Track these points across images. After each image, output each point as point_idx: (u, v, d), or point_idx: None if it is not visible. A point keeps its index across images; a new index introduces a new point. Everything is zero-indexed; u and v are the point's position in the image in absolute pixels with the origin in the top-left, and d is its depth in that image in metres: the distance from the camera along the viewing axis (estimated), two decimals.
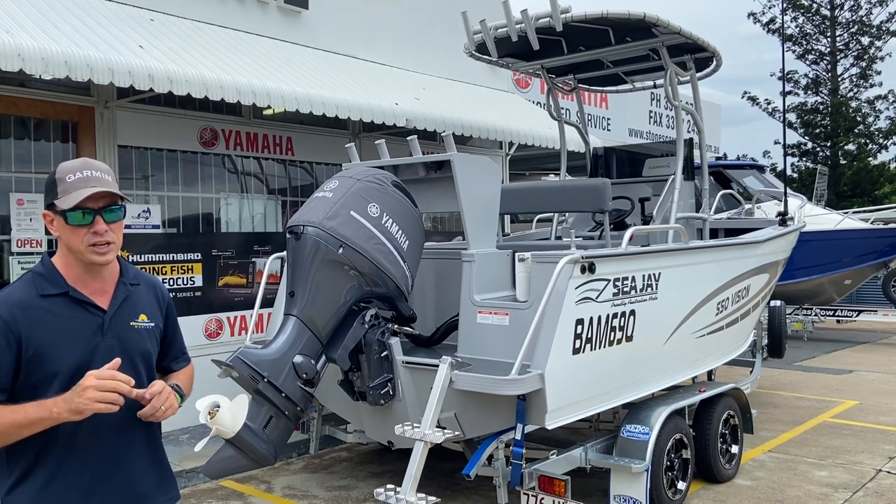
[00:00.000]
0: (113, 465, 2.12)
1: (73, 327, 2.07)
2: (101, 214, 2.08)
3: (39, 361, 2.02)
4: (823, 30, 27.89)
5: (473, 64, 7.48)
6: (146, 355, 2.23)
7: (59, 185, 2.08)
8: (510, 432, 4.26)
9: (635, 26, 5.79)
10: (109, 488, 2.12)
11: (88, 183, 2.06)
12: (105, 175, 2.11)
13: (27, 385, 2.03)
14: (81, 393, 1.92)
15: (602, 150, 7.92)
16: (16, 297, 2.06)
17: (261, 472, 5.97)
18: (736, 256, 6.25)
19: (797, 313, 12.95)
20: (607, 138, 13.13)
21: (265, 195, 8.04)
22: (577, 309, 4.35)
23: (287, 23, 8.22)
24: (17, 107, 6.21)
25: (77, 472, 2.06)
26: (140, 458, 2.19)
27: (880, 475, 5.79)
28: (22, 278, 2.13)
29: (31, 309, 2.04)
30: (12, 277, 6.09)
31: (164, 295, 2.37)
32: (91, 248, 2.08)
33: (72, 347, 2.06)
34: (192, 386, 2.45)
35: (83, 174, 2.08)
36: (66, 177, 2.08)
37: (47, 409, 1.95)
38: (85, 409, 1.92)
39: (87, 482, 2.08)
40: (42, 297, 2.07)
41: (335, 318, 4.36)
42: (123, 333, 2.16)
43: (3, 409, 1.97)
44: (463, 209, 4.80)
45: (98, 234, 2.07)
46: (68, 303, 2.09)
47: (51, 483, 2.05)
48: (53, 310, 2.07)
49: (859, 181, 26.71)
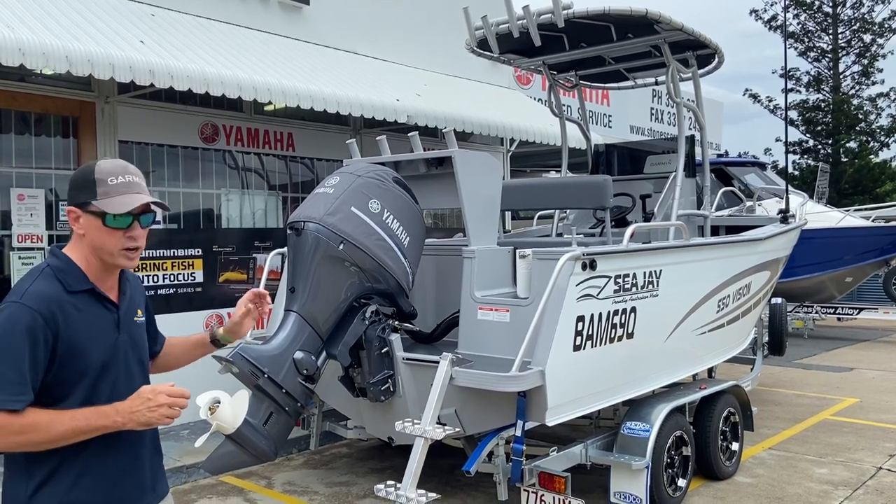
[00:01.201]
0: (132, 456, 2.18)
1: (98, 324, 2.11)
2: (138, 220, 2.12)
3: (71, 358, 2.04)
4: (825, 27, 27.86)
5: (475, 60, 7.47)
6: (147, 350, 2.31)
7: (98, 185, 2.06)
8: (510, 429, 4.26)
9: (637, 23, 5.78)
10: (130, 478, 2.18)
11: (132, 188, 2.10)
12: (142, 181, 2.16)
13: (57, 380, 2.03)
14: (155, 409, 2.00)
15: (603, 147, 7.91)
16: (46, 292, 2.03)
17: (261, 468, 5.98)
18: (737, 254, 6.24)
19: (798, 311, 12.95)
20: (608, 135, 13.12)
21: (266, 191, 8.04)
22: (577, 306, 4.35)
23: (288, 18, 8.21)
24: (17, 102, 6.21)
25: (103, 465, 2.10)
26: (147, 447, 2.25)
27: (880, 473, 5.79)
28: (41, 273, 2.09)
29: (64, 305, 2.04)
30: (13, 272, 6.09)
31: (143, 288, 2.44)
32: (124, 251, 2.11)
33: (99, 344, 2.09)
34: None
35: (125, 179, 2.10)
36: (108, 179, 2.08)
37: (110, 418, 1.99)
38: (154, 424, 2.03)
39: (113, 475, 2.13)
40: (70, 293, 2.07)
41: (336, 314, 4.35)
42: (131, 329, 2.22)
43: (62, 415, 1.98)
44: (464, 206, 4.80)
45: (133, 239, 2.11)
46: (92, 299, 2.11)
47: (80, 480, 2.06)
48: (81, 306, 2.08)
49: (861, 179, 26.69)
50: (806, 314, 13.00)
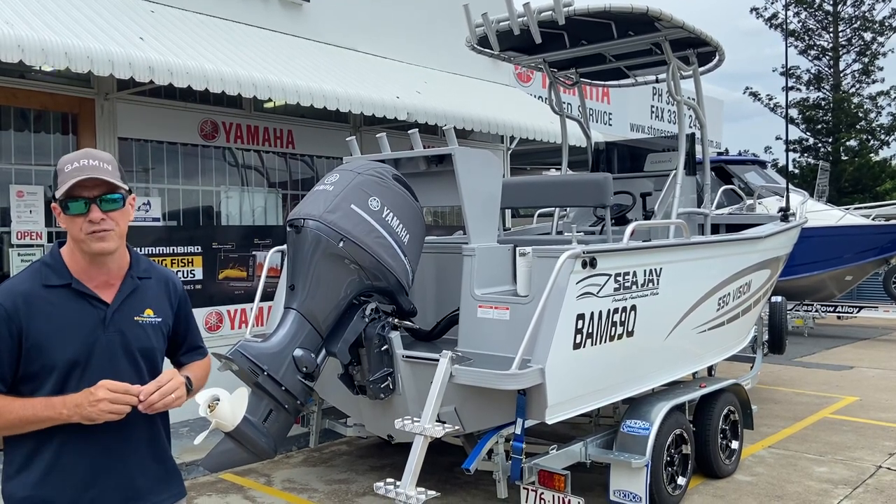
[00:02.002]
0: (111, 458, 2.11)
1: (74, 320, 2.06)
2: (96, 203, 2.05)
3: (38, 353, 2.02)
4: (826, 25, 27.83)
5: (475, 58, 7.46)
6: (149, 351, 2.20)
7: (59, 175, 2.07)
8: (510, 427, 4.26)
9: (638, 20, 5.77)
10: (107, 481, 2.10)
11: (83, 172, 2.04)
12: (103, 164, 2.08)
13: (25, 375, 2.03)
14: (95, 403, 1.95)
15: (604, 145, 7.90)
16: (20, 287, 2.06)
17: (260, 466, 5.97)
18: (737, 252, 6.23)
19: (798, 309, 12.95)
20: (609, 133, 13.11)
21: (266, 188, 8.03)
22: (577, 304, 4.34)
23: (288, 15, 8.19)
24: (16, 98, 6.19)
25: (74, 464, 2.06)
26: (139, 452, 2.17)
27: (880, 471, 5.79)
28: (29, 268, 2.13)
29: (34, 299, 2.03)
30: (12, 269, 6.09)
31: (176, 288, 2.34)
32: (88, 236, 2.05)
33: (71, 340, 2.04)
34: (206, 378, 2.44)
35: (79, 164, 2.06)
36: (65, 167, 2.07)
37: (56, 409, 1.97)
38: (96, 419, 1.97)
39: (85, 475, 2.07)
40: (45, 287, 2.06)
41: (335, 311, 4.35)
42: (126, 328, 2.14)
43: (14, 403, 1.99)
44: (464, 203, 4.79)
45: (93, 223, 2.05)
46: (71, 295, 2.08)
47: (48, 474, 2.05)
48: (55, 301, 2.05)
49: (861, 177, 26.68)
50: (806, 312, 13.00)
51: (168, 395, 2.05)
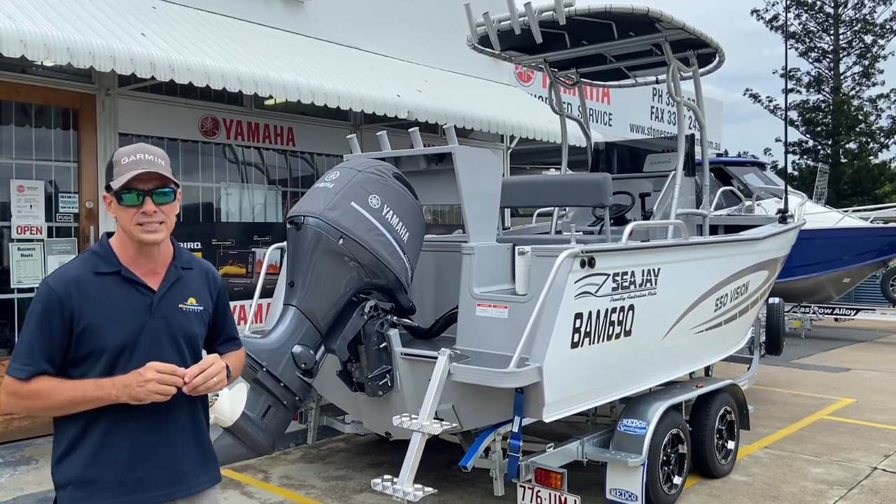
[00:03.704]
0: (156, 441, 2.19)
1: (123, 306, 2.16)
2: (150, 196, 2.16)
3: (88, 337, 2.10)
4: (826, 27, 27.86)
5: (476, 57, 7.47)
6: (191, 338, 2.28)
7: (115, 167, 2.18)
8: (508, 425, 4.27)
9: (639, 21, 5.78)
10: (153, 462, 2.19)
11: (140, 165, 2.15)
12: (158, 159, 2.20)
13: (75, 358, 2.11)
14: (143, 384, 2.03)
15: (603, 145, 7.91)
16: (72, 273, 2.15)
17: (258, 462, 5.99)
18: (735, 253, 6.25)
19: (795, 311, 12.97)
20: (609, 133, 13.12)
21: (265, 185, 8.04)
22: (576, 303, 4.36)
23: (290, 13, 8.21)
24: (18, 93, 6.20)
25: (121, 445, 2.14)
26: (182, 435, 2.25)
27: (875, 473, 5.81)
28: (80, 256, 2.24)
29: (85, 286, 2.13)
30: (11, 264, 6.10)
31: (216, 280, 2.43)
32: (139, 226, 2.16)
33: (120, 325, 2.13)
34: (241, 368, 2.53)
35: (136, 157, 2.17)
36: (121, 160, 2.18)
37: (105, 390, 2.06)
38: (144, 399, 2.05)
39: (131, 456, 2.16)
40: (96, 274, 2.16)
41: (335, 308, 4.36)
42: (171, 314, 2.23)
43: (64, 385, 2.07)
44: (463, 202, 4.80)
45: (146, 215, 2.16)
46: (120, 281, 2.18)
47: (96, 455, 2.13)
48: (105, 287, 2.15)
49: (860, 180, 26.71)
50: (803, 314, 13.02)
51: (211, 379, 2.15)
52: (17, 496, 5.02)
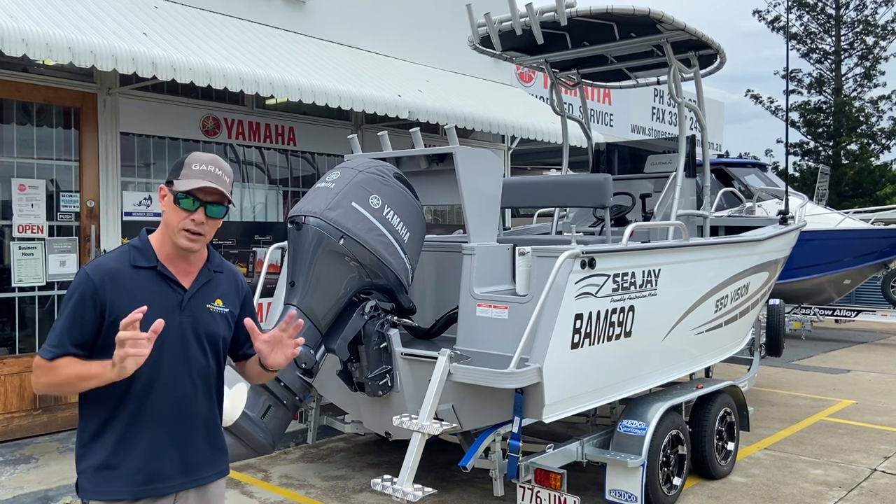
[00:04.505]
0: (173, 435, 2.26)
1: (155, 300, 2.21)
2: (205, 207, 2.25)
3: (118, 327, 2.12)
4: (828, 29, 27.86)
5: (477, 57, 7.48)
6: (215, 336, 2.35)
7: (184, 168, 2.26)
8: (507, 425, 4.27)
9: (640, 22, 5.79)
10: (168, 455, 2.26)
11: (208, 177, 2.24)
12: (225, 176, 2.29)
13: (104, 346, 2.16)
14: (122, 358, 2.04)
15: (604, 146, 7.92)
16: (109, 265, 2.23)
17: (258, 461, 6.00)
18: (736, 254, 6.25)
19: (796, 312, 12.97)
20: (610, 134, 13.13)
21: (266, 185, 8.05)
22: (576, 303, 4.36)
23: (291, 13, 8.21)
24: (19, 92, 6.21)
25: (141, 438, 2.22)
26: (197, 432, 2.32)
27: (875, 475, 5.81)
28: (119, 248, 2.32)
29: (120, 277, 2.21)
30: (13, 262, 6.10)
31: (243, 285, 2.51)
32: (183, 232, 2.24)
33: (150, 318, 2.15)
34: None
35: (207, 168, 2.26)
36: (193, 164, 2.26)
37: (105, 366, 2.09)
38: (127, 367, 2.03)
39: (149, 448, 2.23)
40: (133, 267, 2.24)
41: (335, 308, 4.37)
42: (199, 313, 2.31)
43: (74, 361, 2.15)
44: (464, 202, 4.81)
45: (195, 223, 2.24)
46: (155, 276, 2.26)
47: (118, 445, 2.21)
48: (140, 281, 2.23)
49: (861, 181, 26.71)
50: (804, 315, 13.02)
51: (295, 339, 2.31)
52: (17, 494, 5.03)
